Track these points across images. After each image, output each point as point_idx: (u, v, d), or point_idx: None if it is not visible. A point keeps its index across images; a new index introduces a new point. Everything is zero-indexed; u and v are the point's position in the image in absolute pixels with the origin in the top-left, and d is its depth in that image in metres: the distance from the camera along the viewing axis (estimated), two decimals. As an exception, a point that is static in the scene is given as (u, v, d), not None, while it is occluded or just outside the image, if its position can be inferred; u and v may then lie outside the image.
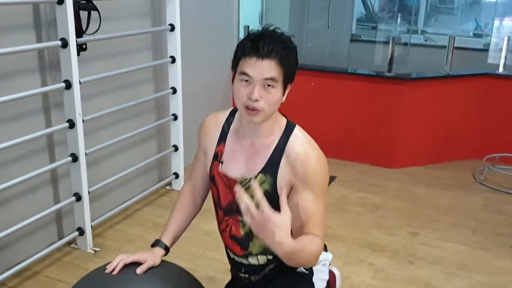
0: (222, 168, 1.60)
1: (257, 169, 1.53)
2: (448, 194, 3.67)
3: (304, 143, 1.52)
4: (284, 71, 1.42)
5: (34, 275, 2.60)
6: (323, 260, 1.69)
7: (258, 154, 1.54)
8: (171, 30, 3.21)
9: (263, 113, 1.45)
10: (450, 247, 2.95)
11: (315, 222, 1.47)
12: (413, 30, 6.24)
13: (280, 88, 1.44)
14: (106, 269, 1.50)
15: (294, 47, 1.46)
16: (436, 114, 4.09)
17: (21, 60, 2.46)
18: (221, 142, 1.62)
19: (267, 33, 1.44)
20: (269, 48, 1.39)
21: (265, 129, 1.53)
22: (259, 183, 1.51)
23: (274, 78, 1.41)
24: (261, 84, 1.41)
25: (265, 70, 1.40)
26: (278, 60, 1.40)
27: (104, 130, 3.03)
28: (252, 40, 1.42)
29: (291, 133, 1.54)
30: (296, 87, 4.92)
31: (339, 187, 3.76)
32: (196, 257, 2.79)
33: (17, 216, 2.51)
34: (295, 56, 1.47)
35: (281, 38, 1.43)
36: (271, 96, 1.43)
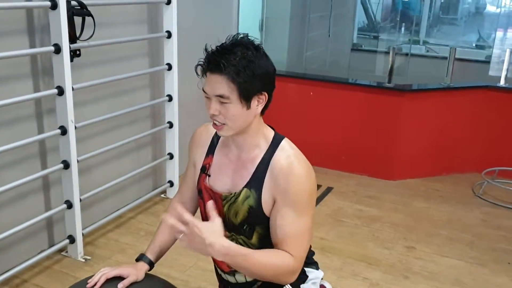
0: (209, 182, 1.56)
1: (242, 183, 1.49)
2: (446, 208, 3.63)
3: (290, 156, 1.46)
4: (237, 86, 1.35)
5: (23, 283, 2.56)
6: (313, 279, 1.64)
7: (243, 168, 1.50)
8: (168, 37, 3.18)
9: (227, 127, 1.42)
10: (446, 262, 2.90)
11: (291, 242, 1.43)
12: (415, 41, 6.21)
13: (237, 103, 1.38)
14: (87, 283, 1.46)
15: (250, 59, 1.36)
16: (435, 126, 4.05)
17: (14, 65, 2.44)
18: (209, 155, 1.59)
19: (223, 46, 1.38)
20: (218, 63, 1.34)
21: (250, 141, 1.49)
22: (244, 198, 1.47)
23: (223, 95, 1.36)
24: (216, 100, 1.38)
25: (215, 86, 1.36)
26: (225, 76, 1.34)
27: (98, 137, 2.99)
28: (208, 55, 1.38)
29: (277, 146, 1.49)
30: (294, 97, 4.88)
31: (336, 199, 3.72)
32: (188, 268, 2.74)
33: (7, 223, 2.48)
34: (254, 67, 1.37)
35: (237, 50, 1.36)
36: (227, 110, 1.38)
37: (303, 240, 1.45)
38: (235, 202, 1.49)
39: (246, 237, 1.53)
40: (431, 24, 6.78)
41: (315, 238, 3.09)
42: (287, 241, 1.43)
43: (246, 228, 1.51)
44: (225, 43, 1.40)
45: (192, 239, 1.29)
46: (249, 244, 1.53)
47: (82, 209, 2.78)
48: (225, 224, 1.51)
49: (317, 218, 3.38)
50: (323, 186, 3.91)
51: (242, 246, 1.49)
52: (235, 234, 1.54)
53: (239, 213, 1.49)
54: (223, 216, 1.52)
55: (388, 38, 6.38)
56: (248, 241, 1.53)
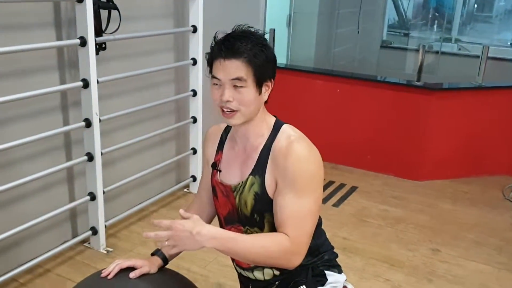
0: (220, 177, 1.57)
1: (248, 172, 1.49)
2: (474, 211, 3.53)
3: (290, 137, 1.45)
4: (253, 69, 1.38)
5: (46, 272, 2.61)
6: (333, 282, 1.60)
7: (249, 158, 1.50)
8: (194, 32, 3.18)
9: (240, 113, 1.42)
10: (472, 267, 2.82)
11: (289, 223, 1.40)
12: (446, 38, 6.07)
13: (252, 87, 1.40)
14: (101, 273, 1.47)
15: (264, 44, 1.41)
16: (465, 126, 3.94)
17: (41, 58, 2.47)
18: (219, 151, 1.61)
19: (234, 34, 1.42)
20: (234, 48, 1.37)
21: (253, 130, 1.49)
22: (249, 185, 1.48)
23: (241, 78, 1.38)
24: (230, 85, 1.39)
25: (231, 70, 1.38)
26: (244, 59, 1.37)
27: (123, 130, 3.01)
28: (218, 42, 1.41)
29: (279, 130, 1.49)
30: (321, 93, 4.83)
31: (360, 198, 3.66)
32: (208, 263, 2.74)
33: (32, 213, 2.52)
34: (267, 53, 1.41)
35: (249, 36, 1.40)
36: (243, 96, 1.40)
37: (302, 222, 1.41)
38: (243, 191, 1.49)
39: (259, 228, 1.52)
40: (464, 21, 6.61)
41: (337, 238, 3.05)
42: (286, 222, 1.40)
43: (256, 218, 1.51)
44: (231, 32, 1.43)
45: (179, 237, 1.32)
46: None
47: (106, 201, 2.81)
48: (239, 218, 1.52)
49: (341, 218, 3.34)
50: (348, 185, 3.86)
51: None
52: (249, 227, 1.54)
53: (247, 202, 1.49)
54: (236, 210, 1.53)
55: (419, 36, 6.25)
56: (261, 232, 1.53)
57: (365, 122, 4.12)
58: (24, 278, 2.53)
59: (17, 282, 2.50)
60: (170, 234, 1.32)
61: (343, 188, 3.81)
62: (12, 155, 2.42)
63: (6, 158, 2.40)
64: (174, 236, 1.32)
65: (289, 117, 1.52)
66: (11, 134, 2.35)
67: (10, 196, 2.45)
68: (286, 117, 1.59)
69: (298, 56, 4.94)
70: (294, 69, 4.36)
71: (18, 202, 2.52)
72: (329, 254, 1.64)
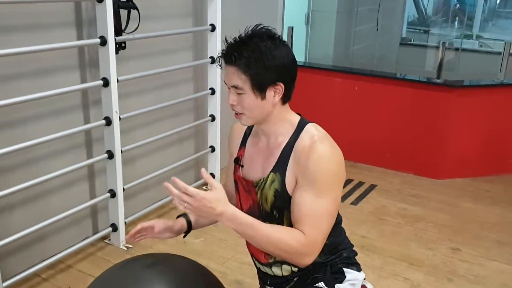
0: (242, 172, 1.59)
1: (269, 169, 1.50)
2: (496, 210, 3.48)
3: (313, 136, 1.45)
4: (249, 77, 1.38)
5: (67, 268, 2.65)
6: (351, 280, 1.60)
7: (271, 155, 1.51)
8: (212, 30, 3.19)
9: (246, 116, 1.45)
10: (493, 266, 2.78)
11: (307, 221, 1.40)
12: (467, 35, 5.98)
13: (251, 93, 1.41)
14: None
15: (263, 51, 1.38)
16: (486, 124, 3.89)
17: (62, 57, 2.51)
18: (242, 147, 1.63)
19: (237, 39, 1.42)
20: (231, 55, 1.38)
21: (276, 129, 1.50)
22: (270, 182, 1.49)
23: (237, 86, 1.40)
24: (233, 90, 1.43)
25: (229, 77, 1.42)
26: (239, 67, 1.38)
27: (142, 128, 3.05)
28: (225, 47, 1.43)
29: (302, 129, 1.49)
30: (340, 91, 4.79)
31: (379, 197, 3.64)
32: (226, 260, 2.76)
33: (54, 209, 2.57)
34: (267, 59, 1.38)
35: (249, 43, 1.39)
36: (243, 101, 1.42)
37: (319, 221, 1.41)
38: (264, 187, 1.51)
39: (278, 224, 1.52)
40: (486, 17, 6.50)
41: (356, 236, 3.04)
42: (303, 220, 1.41)
43: (275, 214, 1.52)
44: (243, 34, 1.43)
45: (199, 209, 1.32)
46: None
47: (126, 199, 2.84)
48: (260, 213, 1.53)
49: (359, 216, 3.33)
50: (367, 183, 3.84)
51: None
52: (269, 223, 1.53)
53: (268, 198, 1.51)
54: (257, 205, 1.54)
55: (439, 33, 6.17)
56: None
57: (384, 120, 4.09)
58: (47, 273, 2.58)
59: (40, 277, 2.55)
60: (192, 202, 1.31)
61: (362, 186, 3.79)
62: (35, 153, 2.46)
63: (29, 155, 2.44)
64: (197, 207, 1.32)
65: (307, 115, 1.52)
66: (34, 132, 2.40)
67: (33, 192, 2.50)
68: (305, 114, 1.59)
69: (317, 54, 4.92)
70: (313, 67, 4.35)
71: (41, 199, 2.57)
72: (348, 252, 1.64)
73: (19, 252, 2.49)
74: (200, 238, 2.91)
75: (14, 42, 2.24)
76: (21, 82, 2.34)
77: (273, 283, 1.67)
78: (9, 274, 2.35)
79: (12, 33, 2.25)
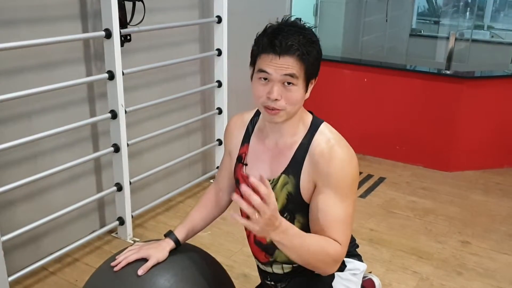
0: (246, 171, 1.53)
1: (280, 170, 1.45)
2: (507, 202, 3.43)
3: (330, 140, 1.41)
4: (305, 67, 1.33)
5: (74, 261, 2.66)
6: (352, 269, 1.58)
7: (281, 155, 1.46)
8: (218, 22, 3.16)
9: (285, 112, 1.36)
10: (504, 259, 2.74)
11: (336, 228, 1.37)
12: (478, 26, 5.88)
13: (302, 85, 1.35)
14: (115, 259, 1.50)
15: (316, 40, 1.36)
16: (497, 116, 3.83)
17: (67, 50, 2.50)
18: (244, 144, 1.56)
19: (285, 27, 1.34)
20: (287, 44, 1.30)
21: (289, 128, 1.44)
22: (282, 184, 1.44)
23: (294, 75, 1.32)
24: (280, 82, 1.33)
25: (283, 67, 1.31)
26: (297, 56, 1.31)
27: (148, 122, 3.03)
28: (269, 35, 1.33)
29: (316, 130, 1.44)
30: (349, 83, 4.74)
31: (388, 189, 3.60)
32: (234, 253, 2.75)
33: (61, 203, 2.56)
34: (317, 50, 1.37)
35: (300, 31, 1.34)
36: (292, 94, 1.34)
37: (346, 226, 1.39)
38: (274, 189, 1.44)
39: None
40: (498, 8, 6.39)
41: (364, 229, 3.01)
42: (332, 227, 1.37)
43: (286, 216, 1.47)
44: (281, 25, 1.36)
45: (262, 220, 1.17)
46: None
47: (132, 192, 2.84)
48: None
49: (368, 209, 3.30)
50: (375, 176, 3.80)
51: None
52: None
53: (278, 200, 1.44)
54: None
55: (450, 23, 6.07)
56: None
57: (393, 112, 4.04)
58: (54, 267, 2.59)
59: (47, 270, 2.56)
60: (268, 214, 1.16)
61: (371, 179, 3.75)
62: (41, 147, 2.46)
63: (36, 149, 2.44)
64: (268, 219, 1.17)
65: (316, 108, 1.47)
66: (40, 125, 2.40)
67: (40, 186, 2.50)
68: (313, 107, 1.56)
69: (326, 46, 4.82)
70: (322, 59, 4.30)
71: (48, 193, 2.57)
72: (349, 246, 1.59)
73: (26, 245, 2.50)
74: (207, 232, 2.91)
75: (20, 35, 2.23)
76: (27, 76, 2.33)
77: (273, 279, 1.66)
78: (17, 268, 2.36)
79: (18, 26, 2.25)
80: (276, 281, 1.64)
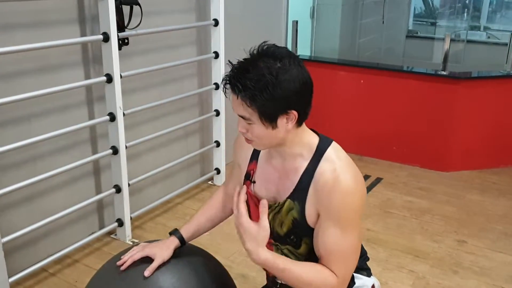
0: (254, 189, 1.51)
1: (285, 194, 1.42)
2: (503, 202, 3.46)
3: (336, 170, 1.33)
4: (257, 108, 1.26)
5: (74, 263, 2.68)
6: (361, 286, 1.56)
7: (287, 178, 1.42)
8: (215, 25, 3.19)
9: (257, 143, 1.37)
10: (500, 258, 2.77)
11: (333, 260, 1.35)
12: (475, 27, 5.92)
13: (259, 124, 1.29)
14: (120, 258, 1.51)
15: (269, 81, 1.23)
16: (493, 116, 3.86)
17: (66, 54, 2.53)
18: (253, 160, 1.53)
19: (244, 64, 1.27)
20: (235, 87, 1.26)
21: (290, 151, 1.40)
22: (287, 209, 1.41)
23: (244, 117, 1.30)
24: (242, 119, 1.33)
25: (236, 107, 1.30)
26: (244, 99, 1.26)
27: (147, 124, 3.06)
28: (227, 74, 1.31)
29: (322, 155, 1.37)
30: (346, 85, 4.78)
31: (385, 190, 3.63)
32: (232, 253, 2.77)
33: (60, 205, 2.59)
34: (274, 89, 1.24)
35: (256, 70, 1.24)
36: (253, 130, 1.32)
37: (348, 259, 1.37)
38: (280, 212, 1.43)
39: (293, 247, 1.47)
40: (494, 9, 6.43)
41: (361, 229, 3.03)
42: (331, 259, 1.35)
43: (293, 238, 1.46)
44: (248, 57, 1.30)
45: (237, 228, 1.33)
46: (297, 254, 1.48)
47: (131, 194, 2.86)
48: (270, 233, 1.42)
49: (365, 209, 3.31)
50: (372, 177, 3.83)
51: (288, 256, 1.45)
52: (279, 244, 1.50)
53: (284, 224, 1.44)
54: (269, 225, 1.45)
55: (446, 25, 6.11)
56: (295, 251, 1.48)
57: (390, 112, 4.07)
58: (54, 268, 2.61)
59: (47, 272, 2.58)
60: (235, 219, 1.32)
61: (368, 179, 3.78)
62: (40, 149, 2.49)
63: (34, 152, 2.47)
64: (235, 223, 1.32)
65: (313, 109, 1.37)
66: (39, 128, 2.42)
67: (39, 188, 2.53)
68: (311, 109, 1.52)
69: (323, 48, 4.90)
70: (318, 61, 4.34)
71: (47, 195, 2.60)
72: (360, 261, 1.55)
73: (26, 247, 2.52)
74: (206, 232, 2.93)
75: (18, 39, 2.26)
76: (26, 79, 2.36)
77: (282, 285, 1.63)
78: (17, 269, 2.38)
79: (16, 30, 2.27)
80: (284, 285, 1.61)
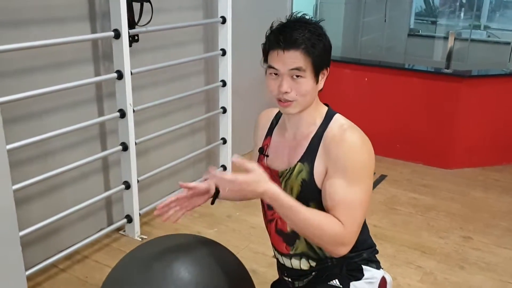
0: (267, 162, 1.58)
1: (296, 159, 1.49)
2: (506, 198, 3.49)
3: (343, 125, 1.46)
4: (312, 59, 1.38)
5: (84, 259, 2.69)
6: (369, 278, 1.58)
7: (298, 145, 1.51)
8: (223, 23, 3.21)
9: (297, 103, 1.42)
10: (505, 254, 2.80)
11: (340, 209, 1.38)
12: (475, 26, 5.95)
13: (310, 76, 1.40)
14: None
15: (322, 33, 1.41)
16: (496, 113, 3.89)
17: (76, 51, 2.54)
18: (267, 136, 1.62)
19: (290, 23, 1.40)
20: (292, 38, 1.36)
21: (306, 119, 1.49)
22: (297, 172, 1.48)
23: (300, 68, 1.38)
24: (288, 76, 1.39)
25: (289, 61, 1.37)
26: (302, 49, 1.36)
27: (155, 120, 3.08)
28: (275, 31, 1.40)
29: (331, 119, 1.49)
30: (349, 83, 4.79)
31: (389, 187, 3.66)
32: (240, 249, 2.79)
33: (69, 201, 2.61)
34: (325, 42, 1.41)
35: (306, 25, 1.39)
36: (301, 86, 1.40)
37: (354, 210, 1.40)
38: (290, 177, 1.49)
39: None
40: (494, 8, 6.47)
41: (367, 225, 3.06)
42: (338, 208, 1.38)
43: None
44: (287, 21, 1.41)
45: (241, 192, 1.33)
46: None
47: (140, 190, 2.88)
48: None
49: (370, 205, 3.32)
50: (377, 174, 3.86)
51: None
52: None
53: (294, 188, 1.49)
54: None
55: (447, 23, 6.15)
56: None
57: (393, 110, 4.10)
58: (64, 264, 2.63)
59: (57, 268, 2.60)
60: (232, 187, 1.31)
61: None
62: (50, 146, 2.50)
63: (45, 148, 2.48)
64: (236, 190, 1.32)
65: None
66: (49, 125, 2.43)
67: (49, 185, 2.54)
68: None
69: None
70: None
71: (57, 191, 2.61)
72: (368, 253, 1.61)
73: (36, 243, 2.54)
74: (214, 229, 2.95)
75: (30, 36, 2.27)
76: (37, 76, 2.37)
77: (290, 275, 1.67)
78: (28, 265, 2.38)
79: (28, 27, 2.28)
80: (294, 278, 1.66)
